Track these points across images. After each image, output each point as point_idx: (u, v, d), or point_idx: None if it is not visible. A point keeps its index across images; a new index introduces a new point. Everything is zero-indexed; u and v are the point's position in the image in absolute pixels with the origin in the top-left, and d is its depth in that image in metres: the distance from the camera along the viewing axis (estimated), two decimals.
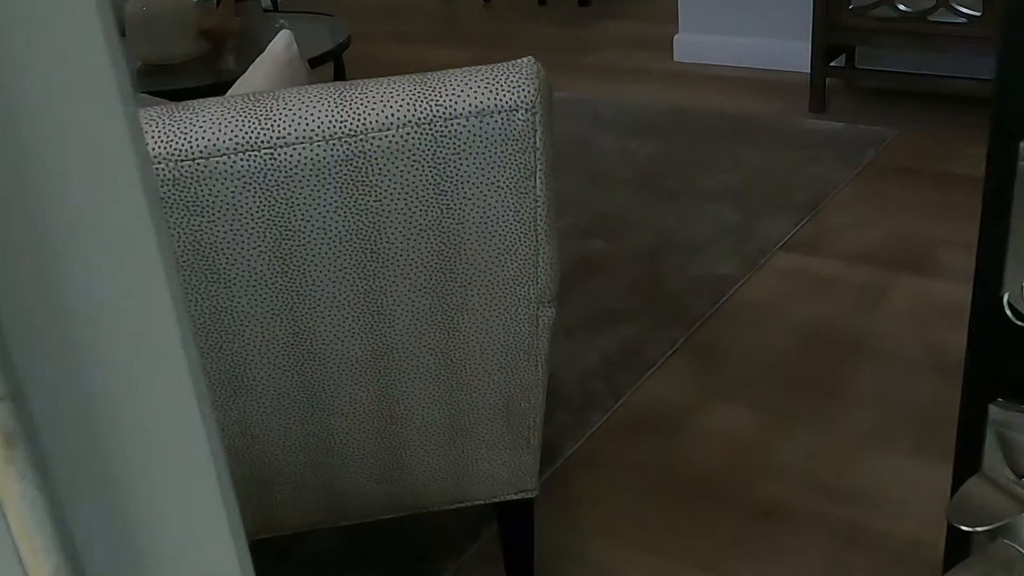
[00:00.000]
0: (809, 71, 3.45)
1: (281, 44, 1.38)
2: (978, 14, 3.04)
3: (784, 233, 2.70)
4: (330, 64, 3.19)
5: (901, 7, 3.17)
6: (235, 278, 1.20)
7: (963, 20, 3.07)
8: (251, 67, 1.39)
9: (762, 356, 2.20)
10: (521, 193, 1.20)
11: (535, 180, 1.20)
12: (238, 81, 1.38)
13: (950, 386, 2.03)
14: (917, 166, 3.01)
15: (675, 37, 4.14)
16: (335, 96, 1.14)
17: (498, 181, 1.19)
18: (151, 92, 2.87)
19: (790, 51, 3.83)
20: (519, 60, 1.19)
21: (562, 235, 2.78)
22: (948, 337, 2.19)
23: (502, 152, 1.16)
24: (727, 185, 3.00)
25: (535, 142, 1.17)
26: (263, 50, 3.11)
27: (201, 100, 1.16)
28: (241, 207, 1.15)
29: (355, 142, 1.13)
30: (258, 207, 1.15)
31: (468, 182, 1.18)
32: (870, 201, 2.83)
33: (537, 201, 1.22)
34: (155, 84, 2.95)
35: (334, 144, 1.13)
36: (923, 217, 2.72)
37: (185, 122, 1.12)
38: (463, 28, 5.04)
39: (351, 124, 1.13)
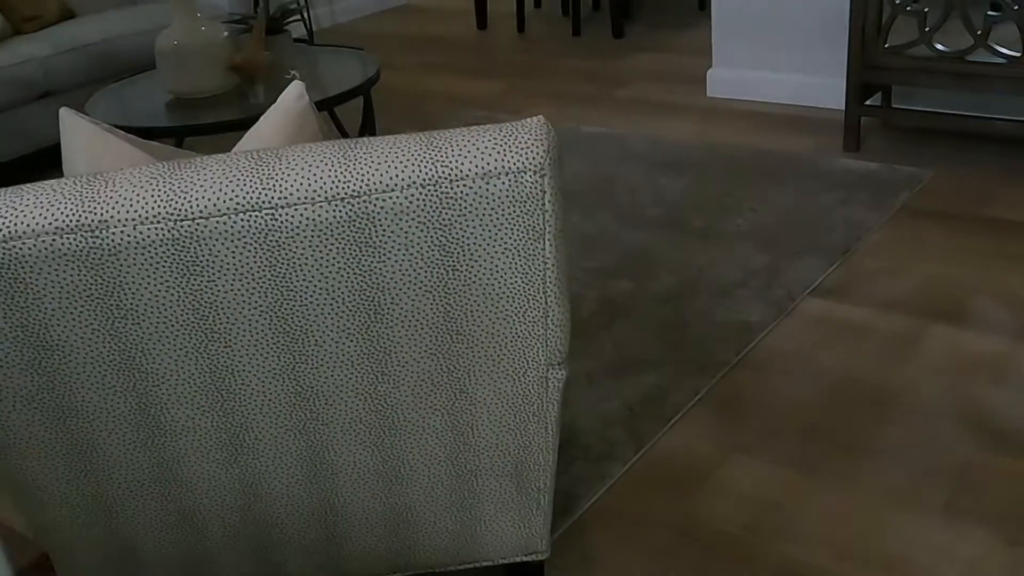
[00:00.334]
0: (844, 109, 3.39)
1: (292, 95, 1.36)
2: (1017, 55, 2.97)
3: (814, 278, 2.64)
4: (360, 97, 3.18)
5: (939, 47, 3.11)
6: (236, 337, 1.18)
7: (1002, 61, 3.00)
8: (262, 118, 1.38)
9: (787, 408, 2.15)
10: (529, 255, 1.17)
11: (544, 242, 1.16)
12: (249, 132, 1.37)
13: (982, 444, 1.96)
14: (953, 209, 2.94)
15: (708, 72, 4.10)
16: (339, 156, 1.12)
17: (506, 243, 1.15)
18: (181, 126, 2.88)
19: (825, 88, 3.78)
20: (528, 119, 1.16)
21: (588, 275, 2.75)
22: (981, 392, 2.12)
23: (510, 214, 1.13)
24: (757, 225, 2.95)
25: (544, 204, 1.13)
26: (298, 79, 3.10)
27: (203, 157, 1.14)
28: (242, 267, 1.12)
29: (358, 203, 1.11)
30: (259, 267, 1.13)
31: (475, 244, 1.15)
32: (904, 245, 2.77)
33: (546, 263, 1.18)
34: (184, 118, 2.96)
35: (337, 205, 1.10)
36: (958, 263, 2.65)
37: (185, 181, 1.10)
38: (496, 58, 5.03)
39: (354, 185, 1.10)
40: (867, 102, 3.39)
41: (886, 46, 3.20)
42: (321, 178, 1.10)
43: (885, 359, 2.28)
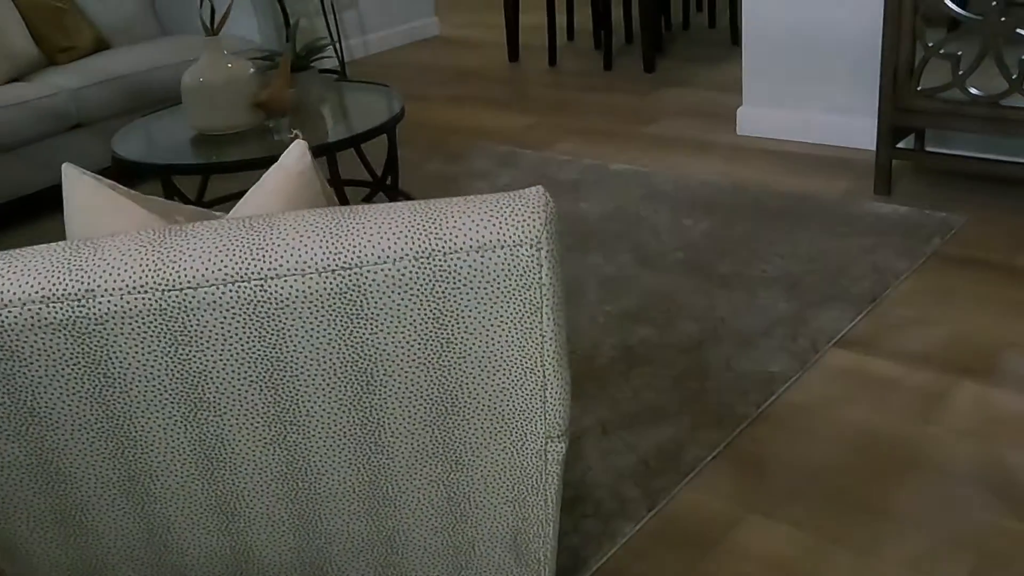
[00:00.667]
0: (875, 150, 3.33)
1: (293, 156, 1.33)
2: None
3: (840, 328, 2.58)
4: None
5: (972, 91, 3.05)
6: (226, 406, 1.15)
7: None
8: (264, 176, 1.36)
9: (807, 466, 2.09)
10: (527, 329, 1.13)
11: (541, 316, 1.13)
12: (250, 191, 1.35)
13: (1009, 511, 1.89)
14: (986, 257, 2.87)
15: (739, 110, 4.06)
16: (330, 226, 1.09)
17: (502, 317, 1.12)
18: (202, 163, 2.88)
19: (857, 128, 3.72)
20: (526, 190, 1.13)
21: (609, 319, 2.71)
22: (1010, 455, 2.05)
23: (505, 288, 1.10)
24: (783, 271, 2.89)
25: (541, 278, 1.10)
26: (320, 120, 3.11)
27: (193, 225, 1.12)
28: (231, 338, 1.10)
29: (350, 275, 1.08)
30: (248, 338, 1.10)
31: (470, 317, 1.12)
32: (934, 295, 2.70)
33: (544, 337, 1.14)
34: (207, 155, 2.97)
35: (327, 277, 1.08)
36: (990, 315, 2.58)
37: (174, 250, 1.08)
38: (526, 92, 5.01)
39: (346, 256, 1.08)
40: (899, 144, 3.33)
41: (918, 88, 3.14)
42: (312, 249, 1.08)
43: (910, 416, 2.21)
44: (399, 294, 1.09)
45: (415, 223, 1.09)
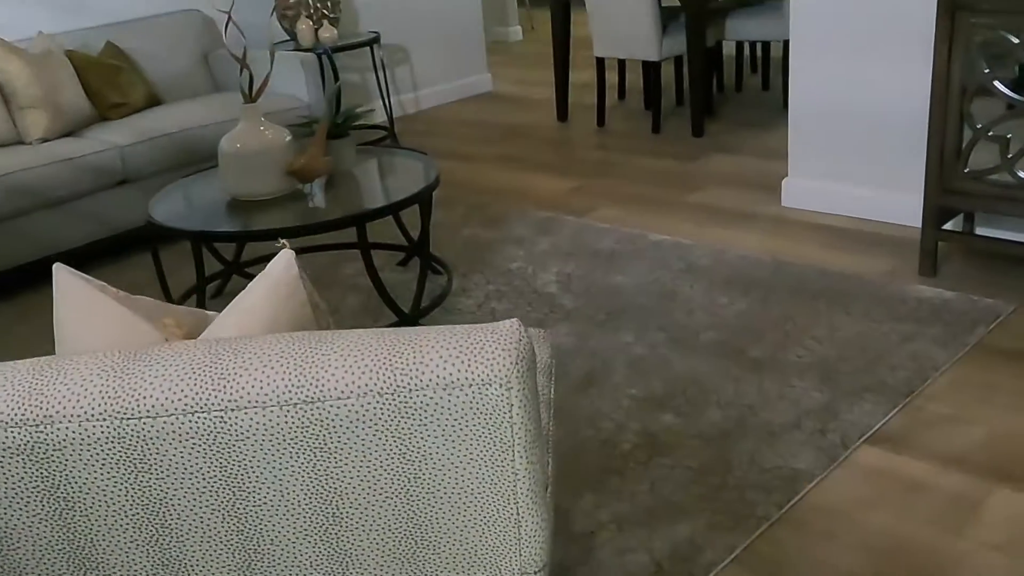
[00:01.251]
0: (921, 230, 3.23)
1: (281, 265, 1.31)
2: None
3: (872, 423, 2.48)
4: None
5: (1021, 174, 2.95)
6: (188, 533, 1.12)
7: None
8: (252, 283, 1.34)
9: (828, 575, 2.00)
10: (497, 467, 1.09)
11: (513, 455, 1.08)
12: (236, 298, 1.33)
13: None
14: None
15: (784, 181, 3.98)
16: (295, 357, 1.06)
17: (471, 455, 1.08)
18: (233, 232, 2.90)
19: (905, 204, 3.62)
20: (500, 323, 1.09)
21: (633, 403, 2.64)
22: None
23: (473, 427, 1.05)
24: (817, 357, 2.80)
25: (511, 417, 1.05)
26: (354, 188, 3.10)
27: (156, 349, 1.10)
28: (191, 467, 1.07)
29: (312, 409, 1.04)
30: (209, 467, 1.07)
31: (437, 454, 1.07)
32: (974, 390, 2.59)
33: (517, 475, 1.10)
34: (241, 221, 2.98)
35: (289, 411, 1.04)
36: None
37: (135, 376, 1.06)
38: (573, 153, 4.99)
39: (309, 391, 1.04)
40: (947, 225, 3.23)
41: (966, 171, 3.05)
42: (275, 381, 1.05)
43: (940, 525, 2.11)
44: (364, 429, 1.05)
45: (381, 356, 1.06)
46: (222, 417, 1.04)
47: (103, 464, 1.06)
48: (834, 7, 3.61)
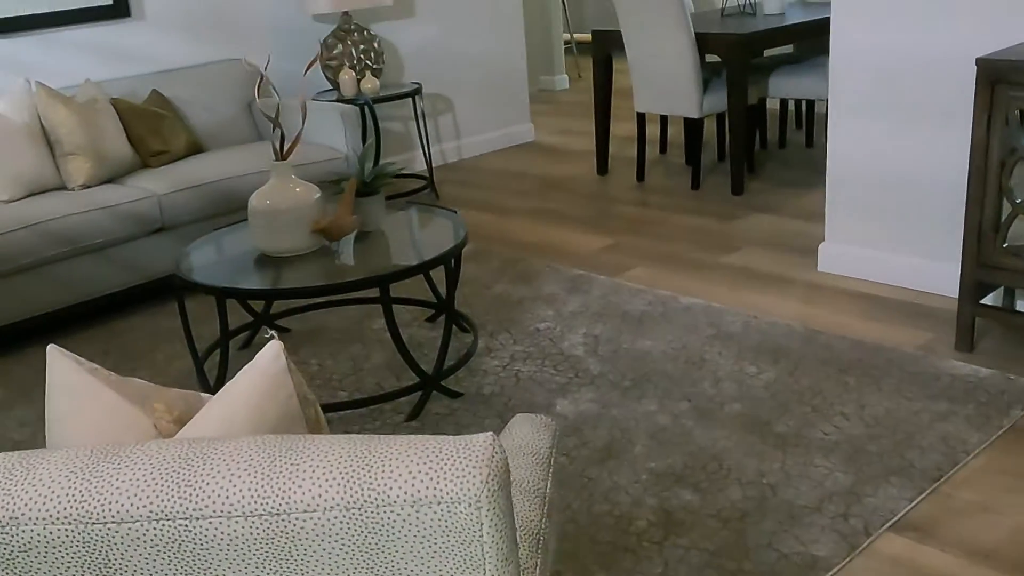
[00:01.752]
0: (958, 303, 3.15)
1: (268, 356, 1.30)
2: None
3: (897, 508, 2.40)
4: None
5: None
6: None
7: None
8: (239, 374, 1.32)
9: None
10: None
11: (484, 572, 1.05)
12: (223, 389, 1.31)
13: None
14: None
15: (820, 246, 3.92)
16: (264, 465, 1.04)
17: (439, 572, 1.04)
18: (260, 289, 2.91)
19: (943, 274, 3.54)
20: (474, 437, 1.06)
21: (651, 478, 2.59)
22: None
23: (442, 545, 1.02)
24: (845, 434, 2.73)
25: (482, 536, 1.02)
26: (381, 247, 3.10)
27: (127, 450, 1.08)
28: (156, 573, 1.05)
29: (278, 521, 1.02)
30: (174, 574, 1.05)
31: (405, 571, 1.04)
32: (1006, 478, 2.50)
33: None
34: (267, 279, 3.00)
35: (254, 521, 1.02)
36: None
37: (103, 479, 1.05)
38: (610, 209, 4.96)
39: (275, 502, 1.02)
40: (986, 300, 3.15)
41: (1004, 245, 2.97)
42: (240, 491, 1.03)
43: None
44: (330, 543, 1.03)
45: (350, 469, 1.03)
46: (187, 525, 1.03)
47: (68, 569, 1.05)
48: (874, 71, 3.56)
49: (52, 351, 1.39)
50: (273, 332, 1.34)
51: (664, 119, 5.90)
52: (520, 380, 3.19)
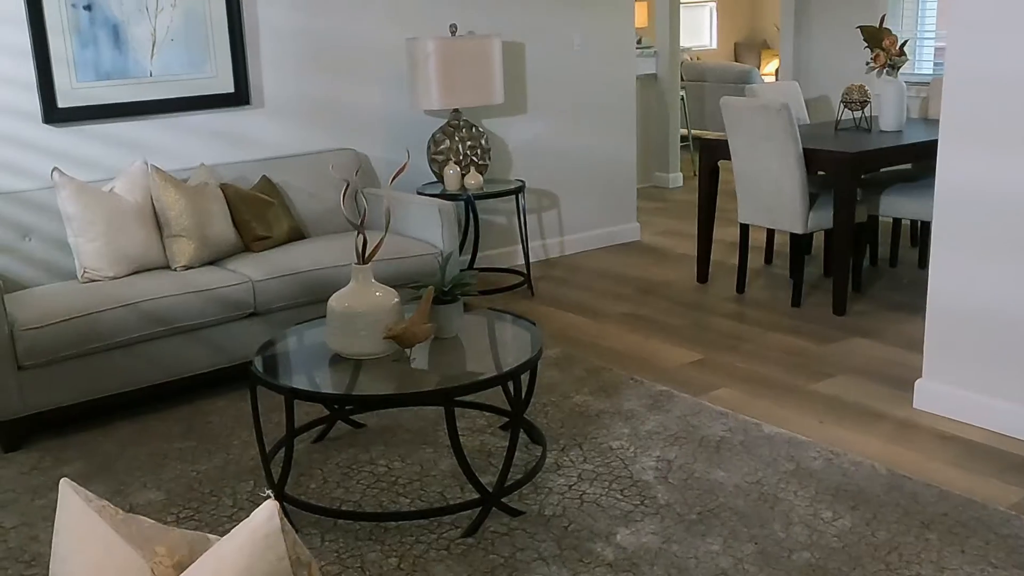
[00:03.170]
0: None
1: (262, 516, 1.29)
2: None
3: None
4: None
5: None
6: None
7: None
8: (234, 530, 1.31)
9: None
10: None
11: None
12: (213, 547, 1.30)
13: None
14: None
15: (917, 382, 3.74)
16: None
17: None
18: (323, 392, 2.93)
19: None
20: None
21: None
22: None
23: None
24: None
25: None
26: (454, 357, 3.10)
27: None
28: None
29: None
30: None
31: None
32: None
33: None
34: (336, 382, 3.03)
35: None
36: None
37: None
38: (704, 321, 4.86)
39: None
40: None
41: None
42: None
43: None
44: None
45: None
46: None
47: None
48: (983, 203, 3.42)
49: (64, 486, 1.41)
50: (270, 491, 1.33)
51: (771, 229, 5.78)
52: (584, 503, 3.11)
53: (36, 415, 3.68)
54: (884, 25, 5.21)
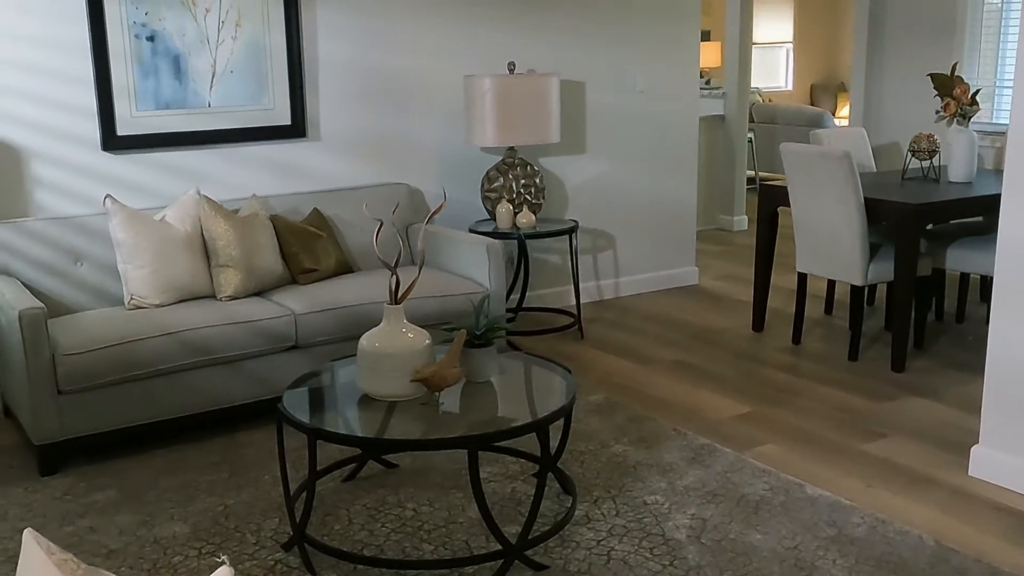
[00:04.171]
0: None
1: None
2: None
3: None
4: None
5: None
6: None
7: None
8: None
9: None
10: None
11: None
12: None
13: None
14: None
15: (973, 448, 3.56)
16: None
17: None
18: (343, 434, 2.88)
19: None
20: None
21: None
22: None
23: None
24: None
25: None
26: (484, 403, 3.05)
27: None
28: None
29: None
30: None
31: None
32: None
33: None
34: (363, 423, 2.98)
35: None
36: None
37: None
38: (755, 371, 4.72)
39: None
40: None
41: None
42: None
43: None
44: None
45: None
46: None
47: None
48: None
49: (28, 536, 1.37)
50: (225, 557, 1.28)
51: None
52: (611, 559, 3.01)
53: (74, 440, 3.70)
54: (957, 73, 5.05)
